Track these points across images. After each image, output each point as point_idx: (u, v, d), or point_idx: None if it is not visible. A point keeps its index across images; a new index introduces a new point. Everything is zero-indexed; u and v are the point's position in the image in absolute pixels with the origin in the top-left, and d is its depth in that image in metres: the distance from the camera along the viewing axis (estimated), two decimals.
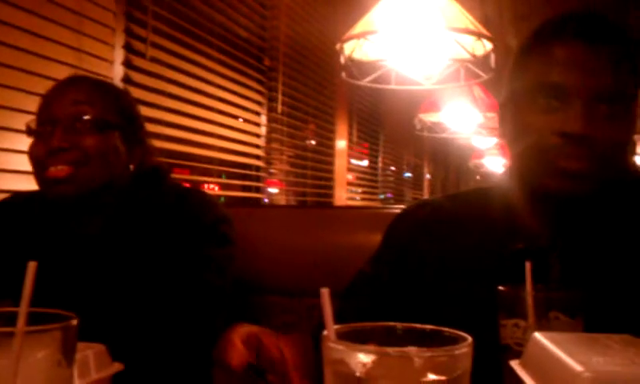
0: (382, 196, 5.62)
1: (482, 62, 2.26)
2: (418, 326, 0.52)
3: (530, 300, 0.80)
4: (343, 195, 4.32)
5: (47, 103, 1.20)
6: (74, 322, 0.51)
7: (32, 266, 0.48)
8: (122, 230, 1.21)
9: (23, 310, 0.47)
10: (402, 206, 1.23)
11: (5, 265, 1.14)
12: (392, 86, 2.47)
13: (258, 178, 3.23)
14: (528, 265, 0.82)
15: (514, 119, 1.01)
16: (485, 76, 2.38)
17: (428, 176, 7.64)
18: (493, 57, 2.22)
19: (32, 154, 1.18)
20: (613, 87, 0.91)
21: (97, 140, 1.18)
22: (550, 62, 0.95)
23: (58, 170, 1.15)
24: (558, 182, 0.92)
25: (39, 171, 1.17)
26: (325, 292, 0.51)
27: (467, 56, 2.22)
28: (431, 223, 1.09)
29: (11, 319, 0.47)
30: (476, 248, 1.03)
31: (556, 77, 0.93)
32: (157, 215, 1.23)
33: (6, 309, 0.50)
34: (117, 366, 0.90)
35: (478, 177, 9.27)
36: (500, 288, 0.83)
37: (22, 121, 1.67)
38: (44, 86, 1.73)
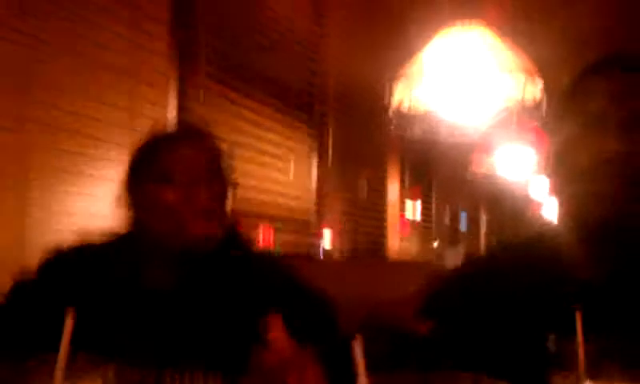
0: (443, 244, 5.56)
1: (535, 105, 2.24)
2: None
3: (580, 350, 0.77)
4: (396, 244, 4.28)
5: (186, 156, 1.22)
6: (112, 372, 0.52)
7: (69, 313, 0.49)
8: (195, 285, 1.22)
9: (62, 358, 0.48)
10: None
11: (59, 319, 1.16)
12: (442, 136, 2.46)
13: (309, 228, 3.22)
14: (578, 314, 0.79)
15: (554, 159, 1.01)
16: (538, 119, 2.35)
17: (484, 222, 7.51)
18: (546, 99, 2.20)
19: (167, 203, 1.19)
20: None
21: (225, 203, 1.23)
22: (586, 94, 0.98)
23: (205, 227, 1.18)
24: (601, 206, 0.92)
25: (173, 222, 1.18)
26: (357, 342, 0.50)
27: (519, 99, 2.20)
28: (479, 279, 1.07)
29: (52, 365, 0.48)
30: (527, 298, 1.01)
31: (592, 106, 0.95)
32: (231, 268, 1.25)
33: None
34: None
35: (536, 222, 9.07)
36: (550, 337, 0.81)
37: (84, 165, 1.75)
38: (100, 130, 1.80)
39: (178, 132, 1.31)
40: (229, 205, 1.26)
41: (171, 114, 2.12)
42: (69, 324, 0.48)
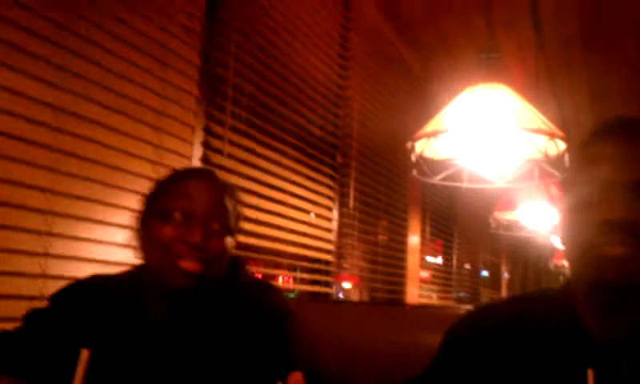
0: (463, 294, 5.52)
1: (556, 161, 2.24)
2: None
3: None
4: (415, 292, 4.26)
5: (185, 194, 1.25)
6: None
7: (84, 353, 0.51)
8: (194, 319, 1.24)
9: None
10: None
11: (68, 349, 1.18)
12: (464, 184, 2.47)
13: (328, 273, 3.24)
14: (590, 372, 0.79)
15: (563, 220, 1.02)
16: (559, 175, 2.35)
17: (506, 275, 7.44)
18: (567, 156, 2.20)
19: (163, 238, 1.21)
20: None
21: (222, 244, 1.25)
22: (590, 158, 1.00)
23: (194, 264, 1.20)
24: (602, 270, 0.93)
25: (166, 256, 1.21)
26: None
27: (542, 155, 2.20)
28: (492, 330, 1.07)
29: None
30: (540, 356, 1.01)
31: (595, 171, 0.97)
32: (229, 308, 1.26)
33: None
34: None
35: (561, 277, 8.95)
36: None
37: (102, 212, 1.79)
38: (126, 180, 1.85)
39: (183, 171, 1.34)
40: (232, 243, 1.28)
41: (195, 165, 2.17)
42: (82, 364, 0.50)
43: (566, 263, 1.07)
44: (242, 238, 2.42)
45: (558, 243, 6.08)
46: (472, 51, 2.53)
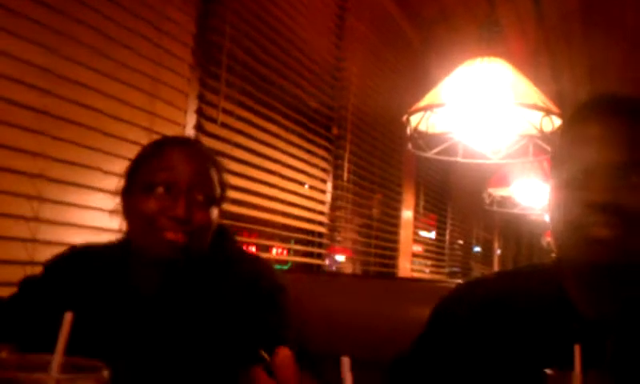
0: (455, 269, 5.54)
1: (550, 137, 2.23)
2: None
3: None
4: (407, 266, 4.28)
5: (168, 166, 1.24)
6: (106, 372, 0.53)
7: (68, 316, 0.50)
8: (180, 289, 1.24)
9: (57, 358, 0.49)
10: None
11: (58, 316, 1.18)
12: (458, 159, 2.46)
13: (320, 245, 3.24)
14: (577, 347, 0.79)
15: (551, 199, 1.02)
16: (553, 152, 2.34)
17: (499, 251, 7.48)
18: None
19: (147, 210, 1.21)
20: (636, 157, 0.93)
21: (207, 215, 1.24)
22: (576, 138, 0.99)
23: (178, 236, 1.20)
24: (589, 251, 0.93)
25: (151, 228, 1.21)
26: (345, 361, 0.51)
27: (536, 132, 2.20)
28: (481, 304, 1.07)
29: (47, 367, 0.49)
30: (528, 330, 1.01)
31: (582, 151, 0.96)
32: (215, 278, 1.26)
33: (42, 355, 0.52)
34: None
35: (553, 254, 8.99)
36: (547, 371, 0.81)
37: (94, 178, 1.78)
38: (118, 147, 1.84)
39: (165, 142, 1.32)
40: (217, 213, 1.27)
41: (189, 133, 2.15)
42: (66, 327, 0.49)
43: (552, 240, 1.06)
44: (235, 208, 2.41)
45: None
46: (472, 25, 2.52)
